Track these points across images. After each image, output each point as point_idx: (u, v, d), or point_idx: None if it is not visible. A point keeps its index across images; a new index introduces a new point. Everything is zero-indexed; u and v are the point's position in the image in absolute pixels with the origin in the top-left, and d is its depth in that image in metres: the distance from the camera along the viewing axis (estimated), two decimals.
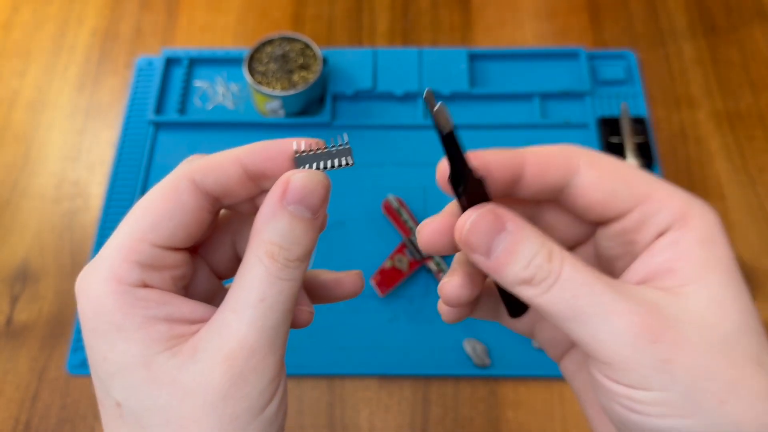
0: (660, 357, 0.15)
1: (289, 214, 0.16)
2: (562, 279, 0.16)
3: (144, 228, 0.16)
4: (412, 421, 0.40)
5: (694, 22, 0.56)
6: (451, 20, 0.56)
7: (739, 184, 0.48)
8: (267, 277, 0.16)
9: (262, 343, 0.16)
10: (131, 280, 0.16)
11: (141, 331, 0.16)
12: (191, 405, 0.15)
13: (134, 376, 0.16)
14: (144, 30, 0.56)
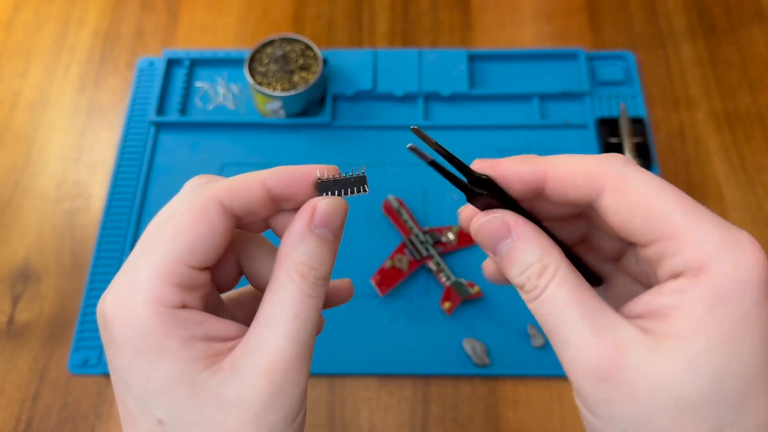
0: (603, 396, 0.16)
1: (316, 236, 0.18)
2: (544, 296, 0.17)
3: (181, 250, 0.17)
4: (411, 421, 0.40)
5: (693, 22, 0.56)
6: (451, 21, 0.57)
7: (737, 184, 0.48)
8: (299, 295, 0.18)
9: (299, 355, 0.17)
10: (171, 302, 0.17)
11: (183, 351, 0.16)
12: (235, 417, 0.16)
13: (179, 394, 0.16)
14: (145, 31, 0.56)
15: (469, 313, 0.42)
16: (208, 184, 0.18)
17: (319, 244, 0.18)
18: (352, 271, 0.43)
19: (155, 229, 0.18)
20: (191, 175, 0.56)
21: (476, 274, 0.43)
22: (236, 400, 0.16)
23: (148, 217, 0.47)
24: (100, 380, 0.41)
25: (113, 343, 0.17)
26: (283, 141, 0.50)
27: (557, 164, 0.18)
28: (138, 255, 0.17)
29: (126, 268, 0.17)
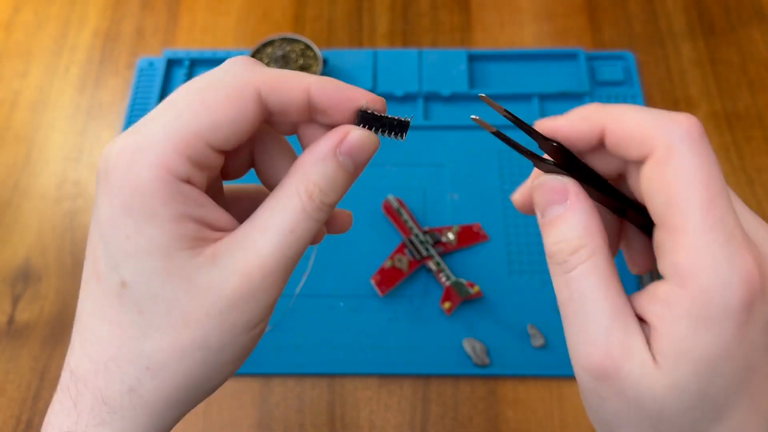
0: (598, 390, 0.16)
1: (337, 162, 0.18)
2: (568, 278, 0.17)
3: (204, 125, 0.16)
4: (411, 420, 0.40)
5: (693, 23, 0.56)
6: (451, 21, 0.57)
7: (737, 184, 0.48)
8: (301, 213, 0.17)
9: (280, 267, 0.17)
10: (178, 173, 0.16)
11: (172, 224, 0.16)
12: (198, 304, 0.16)
13: (152, 263, 0.16)
14: (145, 31, 0.56)
15: (469, 313, 0.42)
16: (253, 67, 0.18)
17: (337, 171, 0.18)
18: (352, 271, 0.44)
19: (184, 94, 0.17)
20: None
21: (476, 274, 0.44)
22: (206, 289, 0.16)
23: None
24: None
25: (107, 192, 0.16)
26: None
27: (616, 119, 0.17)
28: (159, 114, 0.16)
29: (144, 122, 0.16)
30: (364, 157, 0.18)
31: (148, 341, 0.16)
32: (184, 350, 0.16)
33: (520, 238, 0.45)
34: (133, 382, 0.16)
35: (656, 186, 0.16)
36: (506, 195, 0.47)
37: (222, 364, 0.17)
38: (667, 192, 0.16)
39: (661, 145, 0.16)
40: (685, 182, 0.15)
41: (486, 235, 0.45)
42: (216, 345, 0.17)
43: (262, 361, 0.41)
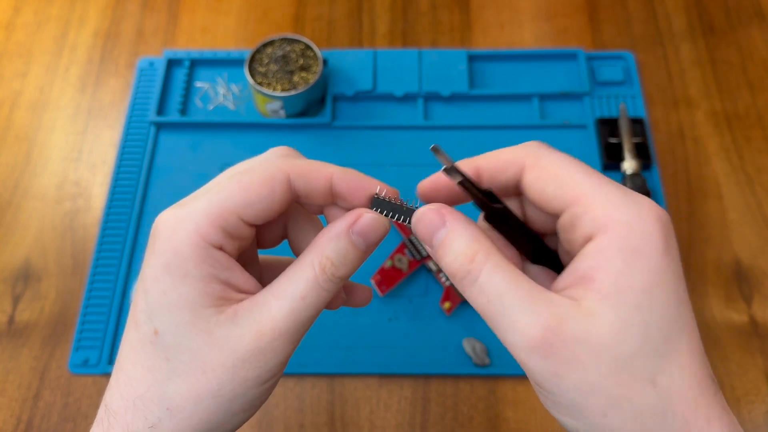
0: (550, 370, 0.17)
1: (350, 240, 0.20)
2: (479, 282, 0.18)
3: (237, 203, 0.19)
4: (411, 420, 0.40)
5: (693, 23, 0.56)
6: (451, 22, 0.57)
7: (737, 184, 0.48)
8: (313, 282, 0.19)
9: (290, 331, 0.19)
10: (211, 240, 0.19)
11: (201, 283, 0.18)
12: (216, 356, 0.19)
13: (181, 316, 0.18)
14: (145, 31, 0.56)
15: (469, 313, 0.42)
16: (287, 157, 0.21)
17: (349, 248, 0.20)
18: None
19: (227, 176, 0.20)
20: (191, 175, 0.56)
21: None
22: (223, 343, 0.19)
23: (149, 216, 0.47)
24: (100, 380, 0.41)
25: (153, 253, 0.19)
26: (283, 141, 0.50)
27: (486, 158, 0.21)
28: (205, 191, 0.20)
29: (191, 197, 0.20)
30: (374, 237, 0.20)
31: (170, 385, 0.19)
32: (200, 396, 0.19)
33: None
34: (155, 421, 0.19)
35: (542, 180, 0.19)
36: None
37: (233, 413, 0.19)
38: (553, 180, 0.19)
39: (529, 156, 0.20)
40: (562, 168, 0.19)
41: None
42: (228, 395, 0.19)
43: None
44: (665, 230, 0.17)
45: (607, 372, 0.17)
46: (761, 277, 0.45)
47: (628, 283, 0.17)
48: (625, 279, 0.17)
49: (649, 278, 0.17)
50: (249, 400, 0.19)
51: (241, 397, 0.19)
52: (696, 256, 0.45)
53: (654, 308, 0.17)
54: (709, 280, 0.44)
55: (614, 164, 0.48)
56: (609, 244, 0.17)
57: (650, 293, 0.17)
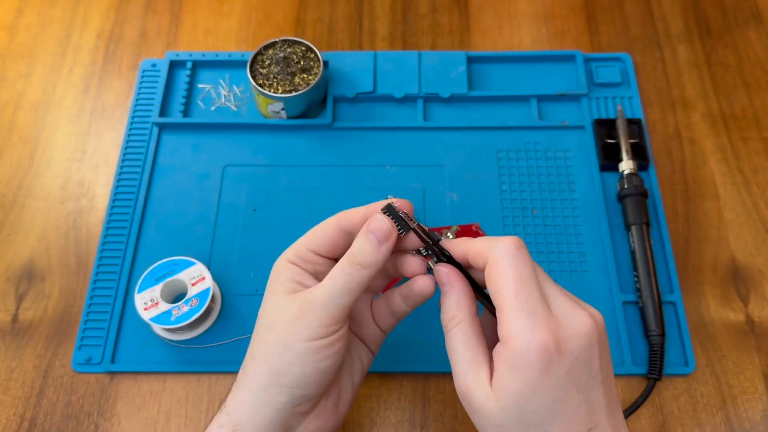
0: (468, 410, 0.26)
1: (364, 236, 0.28)
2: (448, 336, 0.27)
3: (307, 241, 0.30)
4: (411, 417, 0.40)
5: (690, 25, 0.57)
6: (450, 24, 0.57)
7: (733, 185, 0.49)
8: (341, 269, 0.28)
9: (324, 302, 0.28)
10: (291, 260, 0.30)
11: (284, 281, 0.29)
12: (279, 316, 0.28)
13: (271, 301, 0.29)
14: (148, 33, 0.57)
15: None
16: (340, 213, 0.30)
17: (364, 242, 0.28)
18: None
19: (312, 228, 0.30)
20: (194, 175, 0.56)
21: None
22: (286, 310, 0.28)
23: (151, 216, 0.47)
24: (103, 378, 0.41)
25: (269, 280, 0.30)
26: (284, 142, 0.50)
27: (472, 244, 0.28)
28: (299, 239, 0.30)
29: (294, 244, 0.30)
30: (381, 234, 0.28)
31: (254, 341, 0.29)
32: (268, 344, 0.28)
33: None
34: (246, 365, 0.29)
35: (490, 282, 0.26)
36: (505, 195, 0.48)
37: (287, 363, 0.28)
38: (494, 285, 0.26)
39: (492, 254, 0.26)
40: (503, 277, 0.25)
41: (485, 235, 0.46)
42: (283, 345, 0.28)
43: None
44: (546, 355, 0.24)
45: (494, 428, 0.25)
46: (758, 276, 0.45)
47: (507, 387, 0.24)
48: (506, 383, 0.24)
49: (523, 387, 0.24)
50: (298, 355, 0.27)
51: (291, 349, 0.27)
52: (693, 256, 0.46)
53: (528, 407, 0.24)
54: (706, 280, 0.45)
55: (612, 165, 0.48)
56: (503, 355, 0.25)
57: (524, 397, 0.24)
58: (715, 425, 0.40)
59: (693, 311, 0.44)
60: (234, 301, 0.43)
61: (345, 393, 0.32)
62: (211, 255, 0.45)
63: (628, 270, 0.44)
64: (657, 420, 0.40)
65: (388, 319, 0.32)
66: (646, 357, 0.42)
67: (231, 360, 0.41)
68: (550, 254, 0.45)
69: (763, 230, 0.47)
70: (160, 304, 0.40)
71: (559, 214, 0.47)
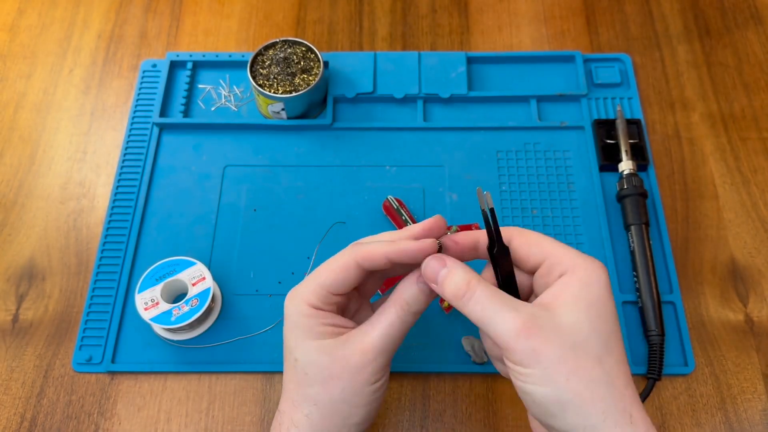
0: (530, 347, 0.25)
1: (418, 287, 0.29)
2: (476, 296, 0.27)
3: (325, 283, 0.29)
4: (411, 417, 0.40)
5: (689, 25, 0.57)
6: (450, 25, 0.57)
7: (732, 184, 0.49)
8: (396, 315, 0.29)
9: (384, 348, 0.29)
10: (315, 305, 0.29)
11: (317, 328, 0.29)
12: (338, 367, 0.29)
13: (310, 348, 0.29)
14: (148, 33, 0.57)
15: None
16: (356, 247, 0.29)
17: (417, 292, 0.29)
18: None
19: (324, 264, 0.30)
20: (194, 175, 0.56)
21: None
22: (341, 357, 0.29)
23: (151, 216, 0.47)
24: (103, 378, 0.42)
25: (286, 318, 0.30)
26: (284, 142, 0.50)
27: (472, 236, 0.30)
28: (311, 276, 0.30)
29: (303, 281, 0.30)
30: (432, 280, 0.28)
31: (311, 389, 0.29)
32: (332, 395, 0.29)
33: None
34: (308, 413, 0.29)
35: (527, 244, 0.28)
36: (504, 195, 0.48)
37: (355, 405, 0.29)
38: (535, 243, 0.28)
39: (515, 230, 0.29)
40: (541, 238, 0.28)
41: None
42: (350, 393, 0.29)
43: (264, 359, 0.42)
44: (606, 276, 0.27)
45: (569, 348, 0.25)
46: (757, 276, 0.45)
47: (582, 299, 0.26)
48: (580, 298, 0.26)
49: (595, 301, 0.26)
50: (364, 398, 0.29)
51: (359, 394, 0.29)
52: (692, 256, 0.46)
53: (598, 318, 0.26)
54: (706, 280, 0.45)
55: (611, 165, 0.48)
56: (574, 277, 0.27)
57: (596, 309, 0.26)
58: (714, 425, 0.40)
59: (692, 311, 0.44)
60: (234, 301, 0.44)
61: None
62: (212, 255, 0.45)
63: (628, 270, 0.45)
64: (656, 420, 0.40)
65: None
66: (645, 357, 0.42)
67: (231, 360, 0.41)
68: None
69: (762, 230, 0.47)
70: (161, 304, 0.40)
71: (559, 214, 0.47)
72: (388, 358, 0.29)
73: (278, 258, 0.45)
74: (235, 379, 0.41)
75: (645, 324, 0.42)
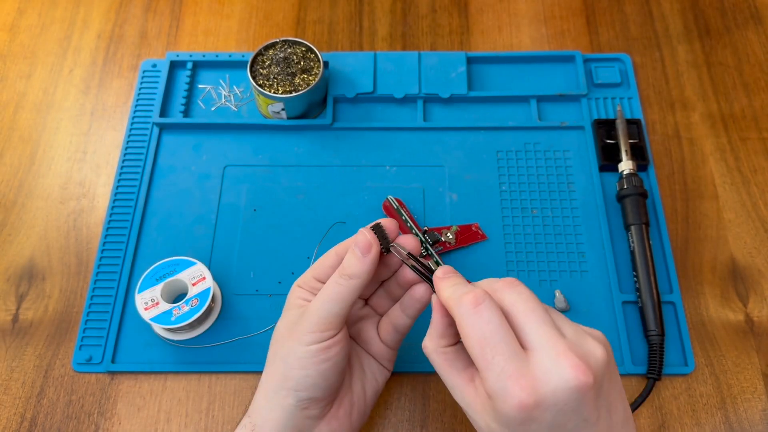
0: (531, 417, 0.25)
1: (350, 251, 0.31)
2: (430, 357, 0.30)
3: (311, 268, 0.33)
4: (411, 417, 0.40)
5: (689, 25, 0.57)
6: (450, 25, 0.57)
7: (732, 184, 0.49)
8: (332, 280, 0.31)
9: (316, 308, 0.31)
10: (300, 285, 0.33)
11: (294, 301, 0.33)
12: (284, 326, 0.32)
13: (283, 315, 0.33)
14: (148, 33, 0.57)
15: None
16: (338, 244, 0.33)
17: (350, 255, 0.31)
18: None
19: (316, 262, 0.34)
20: (194, 175, 0.56)
21: (475, 273, 0.44)
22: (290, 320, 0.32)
23: (151, 216, 0.47)
24: (103, 378, 0.42)
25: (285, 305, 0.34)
26: (284, 142, 0.50)
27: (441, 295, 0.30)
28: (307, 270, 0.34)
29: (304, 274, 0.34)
30: (362, 247, 0.31)
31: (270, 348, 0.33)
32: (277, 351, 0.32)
33: (518, 237, 0.46)
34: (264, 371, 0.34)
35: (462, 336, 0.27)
36: (504, 195, 0.48)
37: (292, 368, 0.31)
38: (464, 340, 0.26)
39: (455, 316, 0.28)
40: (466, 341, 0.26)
41: (484, 235, 0.46)
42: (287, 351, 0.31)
43: (263, 359, 0.41)
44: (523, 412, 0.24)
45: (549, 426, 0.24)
46: (757, 276, 0.45)
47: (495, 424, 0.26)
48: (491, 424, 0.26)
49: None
50: (300, 360, 0.30)
51: (294, 354, 0.30)
52: (692, 256, 0.46)
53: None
54: (706, 279, 0.45)
55: (611, 165, 0.48)
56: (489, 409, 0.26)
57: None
58: (714, 425, 0.40)
59: (692, 311, 0.44)
60: (234, 301, 0.44)
61: (358, 403, 0.34)
62: (212, 255, 0.45)
63: (628, 270, 0.45)
64: (656, 420, 0.40)
65: (392, 335, 0.34)
66: (645, 357, 0.42)
67: (231, 360, 0.41)
68: (550, 254, 0.45)
69: (762, 230, 0.47)
70: (161, 304, 0.40)
71: (559, 214, 0.47)
72: (326, 321, 0.30)
73: (278, 258, 0.45)
74: (235, 379, 0.41)
75: (645, 324, 0.42)
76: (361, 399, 0.34)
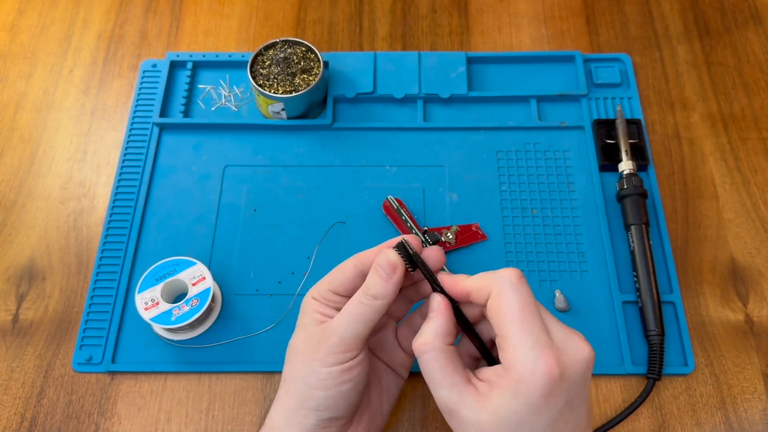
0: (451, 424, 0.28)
1: (374, 271, 0.30)
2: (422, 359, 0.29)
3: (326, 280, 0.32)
4: (411, 417, 0.40)
5: (689, 25, 0.57)
6: (450, 25, 0.58)
7: (732, 184, 0.49)
8: (356, 300, 0.30)
9: (342, 329, 0.30)
10: (315, 297, 0.32)
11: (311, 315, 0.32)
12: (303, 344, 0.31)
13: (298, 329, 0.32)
14: (149, 34, 0.57)
15: None
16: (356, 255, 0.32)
17: (374, 275, 0.30)
18: None
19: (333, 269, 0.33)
20: (194, 175, 0.56)
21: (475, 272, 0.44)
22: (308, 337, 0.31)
23: (151, 216, 0.47)
24: (103, 378, 0.42)
25: (299, 316, 0.33)
26: (284, 142, 0.50)
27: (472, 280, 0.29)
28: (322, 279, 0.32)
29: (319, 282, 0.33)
30: (387, 267, 0.30)
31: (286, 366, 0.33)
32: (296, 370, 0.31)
33: (518, 237, 0.46)
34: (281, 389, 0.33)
35: (493, 313, 0.28)
36: (504, 195, 0.48)
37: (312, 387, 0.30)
38: (498, 316, 0.27)
39: (495, 287, 0.28)
40: (508, 307, 0.27)
41: (484, 235, 0.46)
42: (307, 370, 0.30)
43: (264, 359, 0.42)
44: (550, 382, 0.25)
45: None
46: (757, 276, 0.45)
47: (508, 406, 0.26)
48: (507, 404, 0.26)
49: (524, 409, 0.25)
50: (321, 381, 0.30)
51: (314, 374, 0.30)
52: (692, 256, 0.46)
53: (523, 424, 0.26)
54: (706, 279, 0.45)
55: (611, 165, 0.48)
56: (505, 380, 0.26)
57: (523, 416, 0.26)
58: (714, 425, 0.40)
59: (692, 311, 0.44)
60: (234, 301, 0.44)
61: (375, 418, 0.34)
62: (212, 255, 0.45)
63: (628, 270, 0.45)
64: (656, 420, 0.40)
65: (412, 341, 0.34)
66: (645, 357, 0.42)
67: (231, 360, 0.42)
68: (550, 254, 0.45)
69: (762, 230, 0.47)
70: (161, 304, 0.40)
71: (559, 214, 0.47)
72: (348, 342, 0.30)
73: (278, 258, 0.45)
74: (235, 379, 0.41)
75: (645, 324, 0.42)
76: (378, 412, 0.34)
